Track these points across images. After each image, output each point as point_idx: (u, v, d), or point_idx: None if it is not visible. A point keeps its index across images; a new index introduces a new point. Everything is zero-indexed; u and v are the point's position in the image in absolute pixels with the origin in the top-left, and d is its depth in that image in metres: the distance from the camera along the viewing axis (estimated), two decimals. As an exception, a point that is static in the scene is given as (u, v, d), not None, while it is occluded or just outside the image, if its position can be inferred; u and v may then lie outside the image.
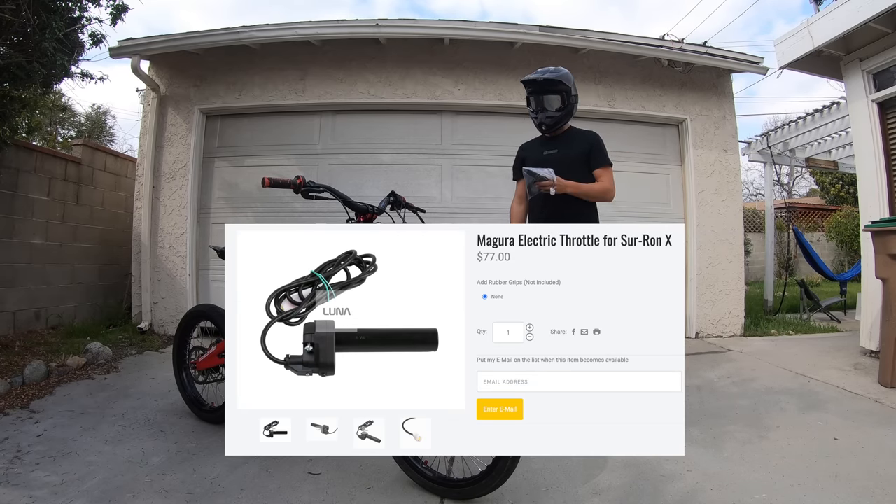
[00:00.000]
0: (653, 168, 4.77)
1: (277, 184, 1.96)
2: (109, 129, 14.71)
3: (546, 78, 2.34)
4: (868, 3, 3.29)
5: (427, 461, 1.78)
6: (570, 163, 2.31)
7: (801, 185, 20.86)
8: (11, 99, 3.50)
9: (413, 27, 4.39)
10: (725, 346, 4.25)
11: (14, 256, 4.01)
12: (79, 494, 1.73)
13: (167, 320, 4.47)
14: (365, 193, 4.05)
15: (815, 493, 1.74)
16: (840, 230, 10.90)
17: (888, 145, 3.66)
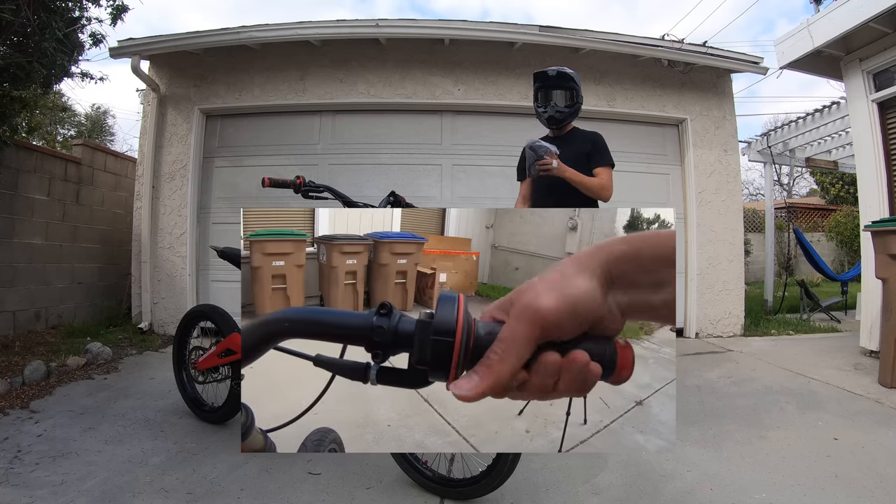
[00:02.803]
0: (653, 168, 4.77)
1: (277, 184, 1.96)
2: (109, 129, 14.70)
3: (559, 72, 2.36)
4: (868, 3, 3.29)
5: (427, 461, 1.78)
6: (573, 162, 2.31)
7: (801, 185, 20.88)
8: (11, 99, 3.50)
9: (413, 27, 4.39)
10: (725, 346, 4.25)
11: (14, 256, 4.01)
12: (79, 494, 1.73)
13: (167, 320, 4.47)
14: (365, 193, 4.05)
15: (815, 493, 1.74)
16: (840, 230, 10.90)
17: (888, 145, 3.66)
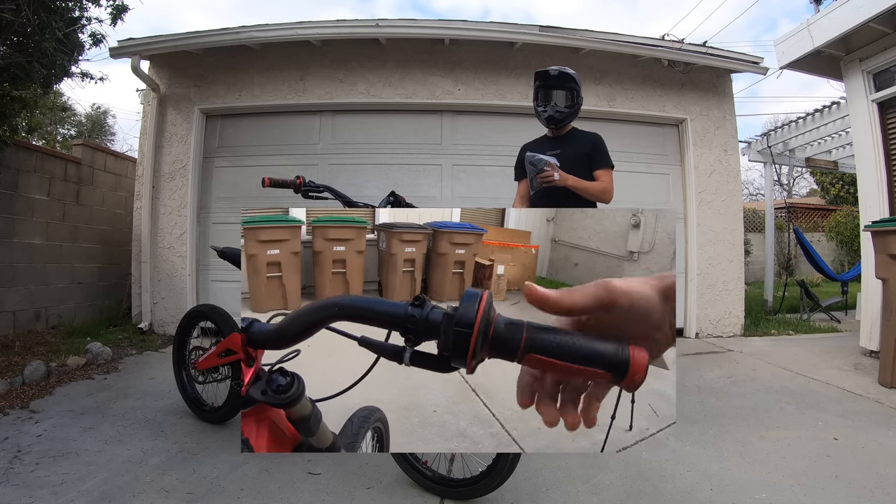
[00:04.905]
0: (653, 168, 4.77)
1: (277, 184, 1.96)
2: (110, 129, 14.71)
3: (560, 71, 2.35)
4: (868, 3, 3.29)
5: (427, 461, 1.78)
6: (573, 163, 2.31)
7: (801, 185, 20.86)
8: (11, 99, 3.50)
9: (413, 27, 4.39)
10: (725, 346, 4.25)
11: (14, 256, 4.01)
12: (79, 494, 1.73)
13: (167, 320, 4.47)
14: (365, 193, 4.04)
15: (815, 493, 1.74)
16: (840, 230, 10.90)
17: (888, 145, 3.66)
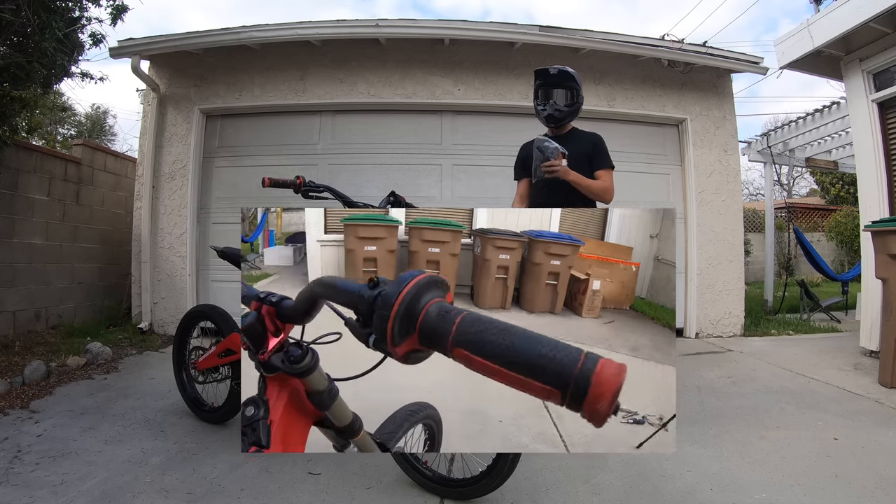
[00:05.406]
0: (653, 168, 4.77)
1: (277, 184, 1.96)
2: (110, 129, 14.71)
3: (560, 70, 2.35)
4: (868, 3, 3.29)
5: (427, 461, 1.78)
6: (573, 163, 2.31)
7: (801, 185, 20.85)
8: (11, 99, 3.50)
9: (413, 27, 4.39)
10: (725, 346, 4.25)
11: (14, 256, 4.01)
12: (79, 494, 1.73)
13: (167, 320, 4.47)
14: (365, 193, 4.04)
15: (815, 493, 1.74)
16: (840, 230, 10.89)
17: (888, 145, 3.66)
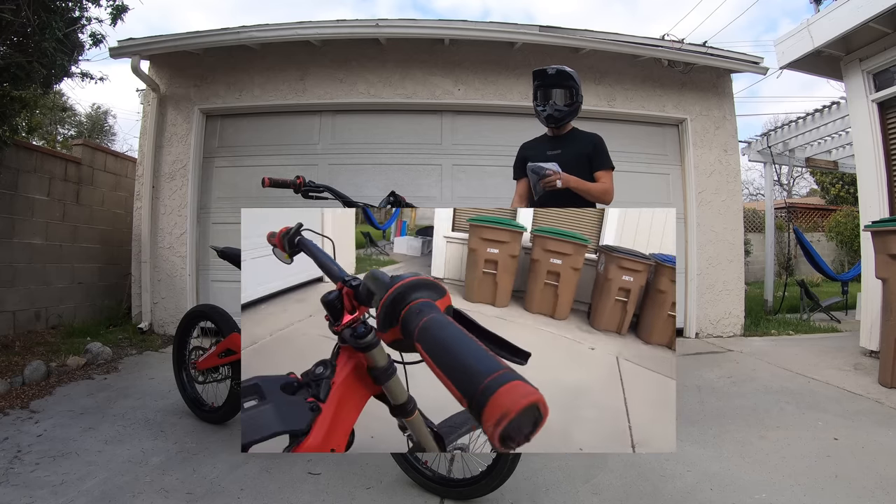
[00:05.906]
0: (653, 168, 4.77)
1: (277, 184, 1.96)
2: (110, 129, 14.71)
3: (558, 70, 2.35)
4: (868, 3, 3.29)
5: (427, 461, 1.78)
6: (573, 163, 2.31)
7: (801, 185, 20.85)
8: (11, 99, 3.50)
9: (413, 27, 4.39)
10: (725, 346, 4.25)
11: (14, 256, 4.01)
12: (79, 494, 1.73)
13: (167, 320, 4.47)
14: (365, 193, 4.05)
15: (815, 493, 1.74)
16: (840, 230, 10.89)
17: (888, 145, 3.66)
